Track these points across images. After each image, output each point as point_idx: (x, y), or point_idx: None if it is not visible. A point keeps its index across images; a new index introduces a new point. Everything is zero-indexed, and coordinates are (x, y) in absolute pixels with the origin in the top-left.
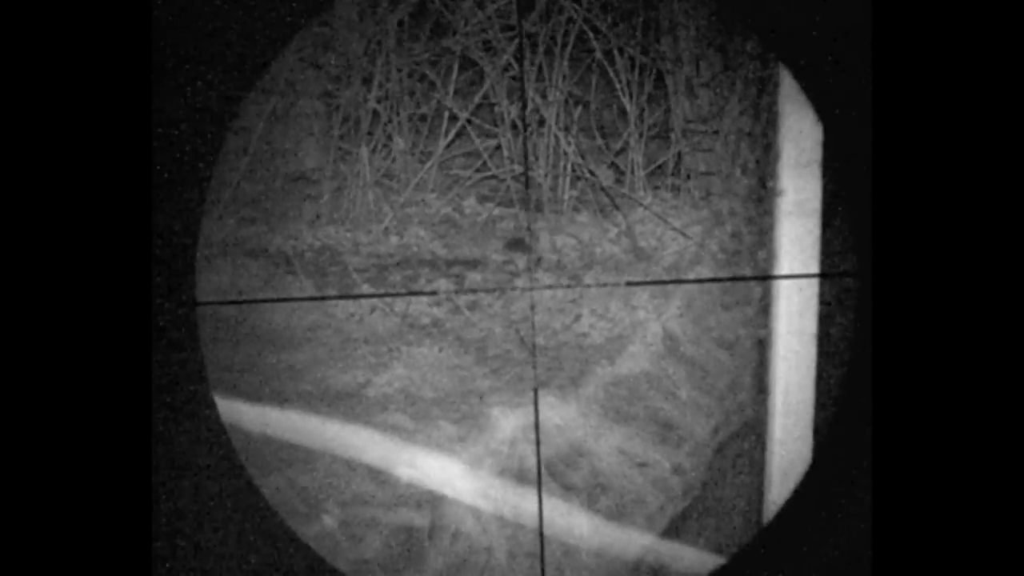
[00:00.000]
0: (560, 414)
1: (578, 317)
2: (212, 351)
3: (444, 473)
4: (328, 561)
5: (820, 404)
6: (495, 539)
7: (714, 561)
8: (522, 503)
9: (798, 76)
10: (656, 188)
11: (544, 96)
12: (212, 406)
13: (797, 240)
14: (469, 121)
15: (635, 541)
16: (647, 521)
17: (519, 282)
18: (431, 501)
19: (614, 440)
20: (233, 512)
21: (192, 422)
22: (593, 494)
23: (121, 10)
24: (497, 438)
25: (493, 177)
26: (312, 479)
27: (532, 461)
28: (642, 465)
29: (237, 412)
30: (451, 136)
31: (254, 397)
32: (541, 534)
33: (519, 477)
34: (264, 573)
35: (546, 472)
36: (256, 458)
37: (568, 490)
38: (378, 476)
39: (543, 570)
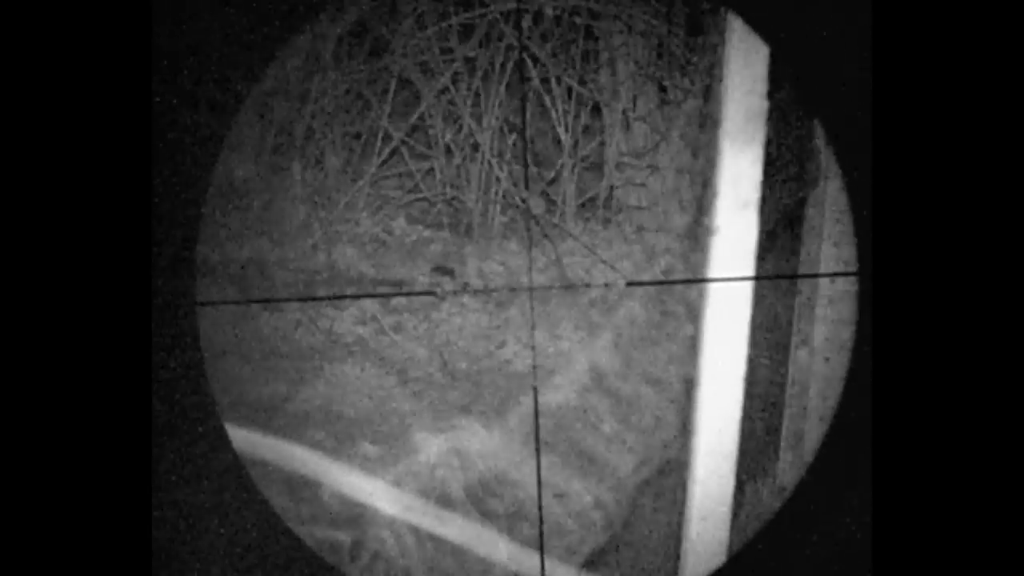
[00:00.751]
0: (482, 440)
1: (503, 344)
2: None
3: (365, 492)
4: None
5: (744, 447)
6: (414, 561)
7: None
8: (442, 527)
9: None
10: (587, 220)
11: (479, 122)
12: (212, 406)
13: (730, 279)
14: (403, 142)
15: (554, 572)
16: (566, 552)
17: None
18: (353, 519)
19: (536, 470)
20: (233, 511)
21: (192, 423)
22: (513, 522)
23: (119, 13)
24: (419, 461)
25: (424, 199)
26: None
27: (453, 486)
28: (562, 496)
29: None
30: (384, 156)
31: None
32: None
33: (440, 501)
34: (264, 571)
35: (466, 498)
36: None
37: (488, 516)
38: (298, 491)
39: None
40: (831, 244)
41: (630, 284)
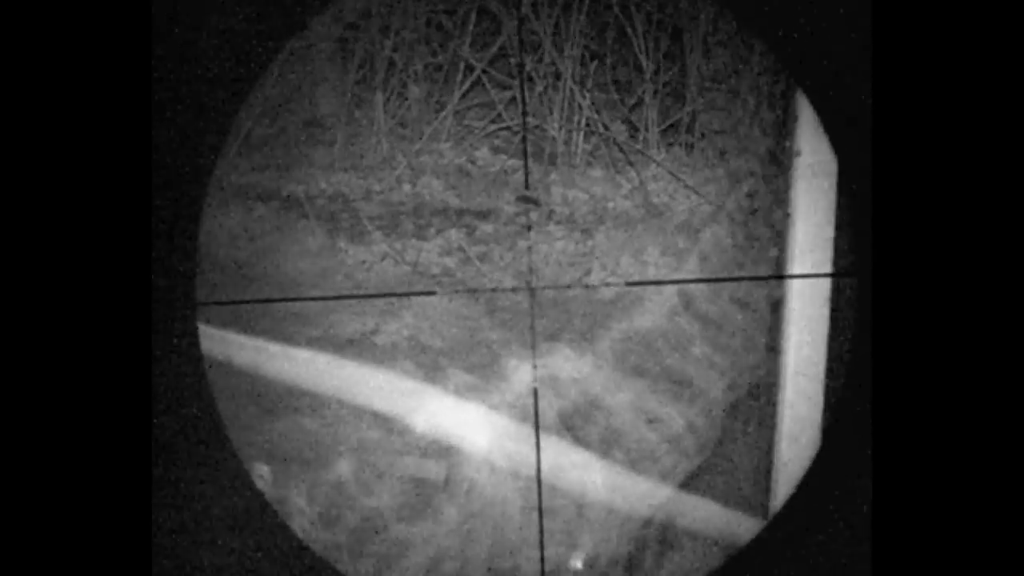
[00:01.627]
0: (574, 367)
1: (588, 271)
2: (218, 289)
3: (458, 423)
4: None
5: (831, 367)
6: (509, 492)
7: (723, 517)
8: (535, 456)
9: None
10: (670, 145)
11: (560, 50)
12: (212, 406)
13: (813, 202)
14: (485, 72)
15: (647, 497)
16: (659, 477)
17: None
18: (445, 451)
19: (628, 395)
20: (233, 510)
21: (192, 422)
22: (606, 448)
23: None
24: (512, 389)
25: (507, 128)
26: (319, 424)
27: (548, 413)
28: (655, 421)
29: (229, 348)
30: (466, 87)
31: (256, 336)
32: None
33: (534, 428)
34: (266, 570)
35: (560, 425)
36: (261, 401)
37: (582, 443)
38: (388, 424)
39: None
40: None
41: (629, 284)
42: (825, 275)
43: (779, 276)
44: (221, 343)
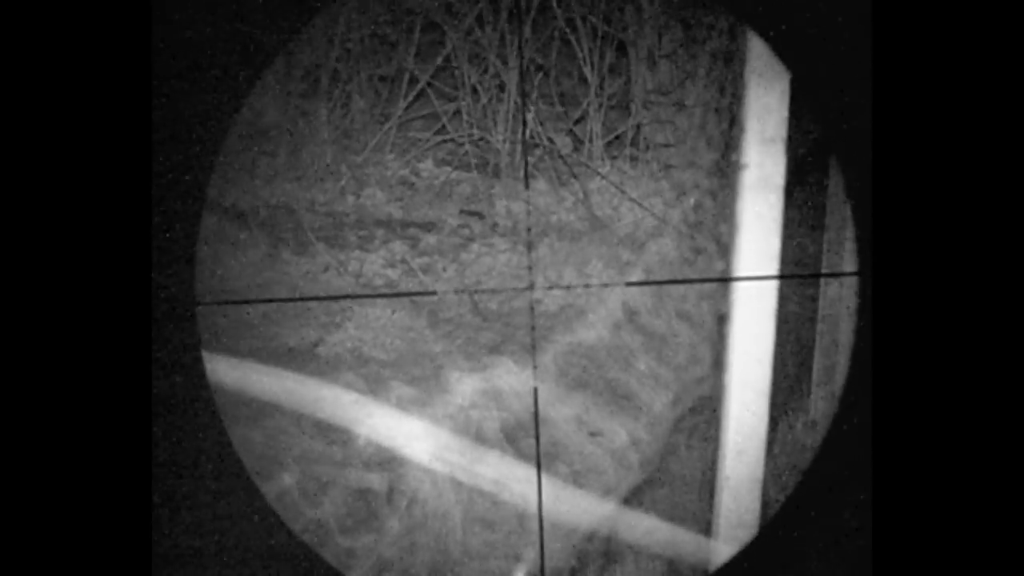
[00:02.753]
0: (517, 380)
1: (531, 284)
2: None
3: (401, 435)
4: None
5: (776, 382)
6: (451, 504)
7: (666, 532)
8: (479, 468)
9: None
10: (614, 158)
11: (505, 62)
12: (212, 406)
13: (759, 215)
14: (429, 84)
15: (591, 510)
16: (603, 491)
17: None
18: (388, 463)
19: (572, 409)
20: (230, 510)
21: (192, 422)
22: (550, 462)
23: (119, 10)
24: (453, 402)
25: (451, 141)
26: (262, 435)
27: (489, 426)
28: (598, 435)
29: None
30: (411, 98)
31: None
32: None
33: (477, 441)
34: (265, 569)
35: (503, 438)
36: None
37: (524, 457)
38: (331, 435)
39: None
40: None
41: (629, 284)
42: (817, 275)
43: (779, 276)
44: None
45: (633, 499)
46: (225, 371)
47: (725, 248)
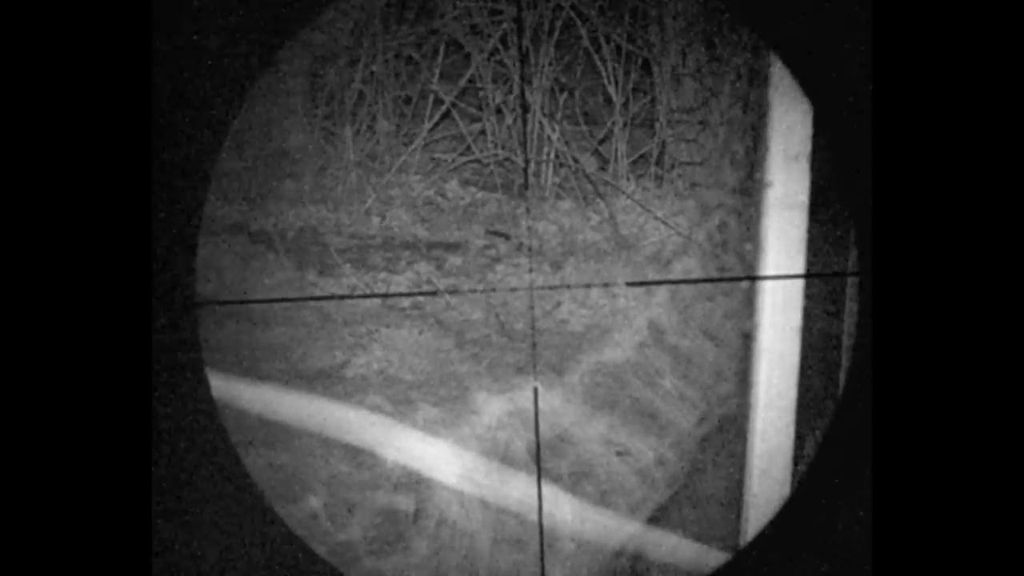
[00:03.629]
0: (544, 401)
1: (558, 304)
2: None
3: (428, 456)
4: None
5: (802, 400)
6: (479, 525)
7: (692, 550)
8: (506, 488)
9: (792, 66)
10: (640, 177)
11: (530, 82)
12: (213, 406)
13: (783, 233)
14: (454, 105)
15: (618, 529)
16: (630, 510)
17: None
18: (415, 484)
19: (598, 428)
20: (232, 512)
21: (192, 422)
22: (577, 481)
23: (120, 7)
24: (480, 423)
25: (476, 161)
26: (290, 458)
27: (517, 446)
28: (625, 454)
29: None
30: (435, 119)
31: (225, 370)
32: (542, 525)
33: (504, 462)
34: (265, 571)
35: (531, 458)
36: (230, 435)
37: (551, 477)
38: (358, 458)
39: (543, 558)
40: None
41: (630, 284)
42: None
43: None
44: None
45: (660, 518)
46: (249, 395)
47: (750, 266)
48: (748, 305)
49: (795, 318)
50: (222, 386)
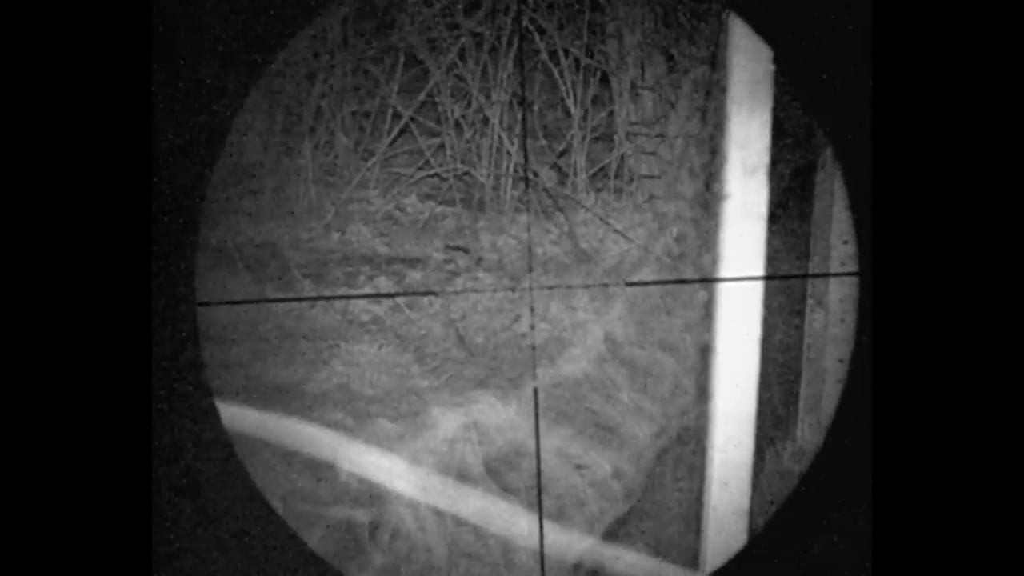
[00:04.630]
0: (500, 415)
1: (517, 318)
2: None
3: (385, 470)
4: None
5: (761, 412)
6: (434, 538)
7: (651, 564)
8: (462, 503)
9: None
10: (599, 190)
11: (488, 96)
12: (212, 407)
13: (742, 244)
14: (413, 119)
15: (575, 543)
16: (587, 524)
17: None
18: (372, 498)
19: (554, 442)
20: (233, 514)
21: (192, 423)
22: (533, 495)
23: (120, 9)
24: (437, 437)
25: (436, 175)
26: (252, 472)
27: (472, 460)
28: (582, 467)
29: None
30: (394, 134)
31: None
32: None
33: (460, 476)
34: (264, 571)
35: (486, 472)
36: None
37: (508, 491)
38: (318, 471)
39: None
40: (843, 208)
41: (630, 284)
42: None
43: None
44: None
45: (618, 531)
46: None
47: (708, 278)
48: (706, 317)
49: (754, 329)
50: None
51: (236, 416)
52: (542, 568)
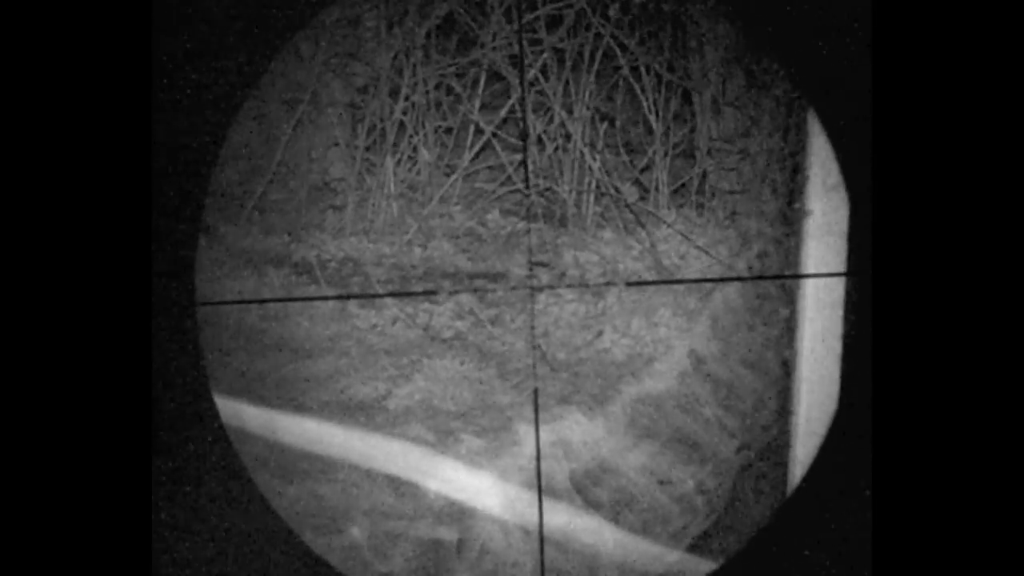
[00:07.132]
0: (585, 430)
1: (600, 333)
2: (228, 356)
3: (471, 487)
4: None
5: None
6: (522, 554)
7: None
8: (549, 518)
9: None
10: (680, 206)
11: (570, 112)
12: (212, 407)
13: (824, 261)
14: (494, 135)
15: (659, 558)
16: (671, 539)
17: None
18: (458, 515)
19: (639, 457)
20: (233, 514)
21: (192, 424)
22: (618, 510)
23: (121, 9)
24: (523, 453)
25: (517, 191)
26: (332, 490)
27: (559, 476)
28: (666, 483)
29: (242, 416)
30: (476, 149)
31: (267, 403)
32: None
33: (546, 492)
34: (264, 571)
35: (572, 488)
36: (273, 467)
37: (593, 506)
38: (401, 488)
39: None
40: None
41: (629, 284)
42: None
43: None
44: (234, 411)
45: (701, 546)
46: (290, 426)
47: (790, 294)
48: (788, 333)
49: (835, 344)
50: (245, 415)
51: (314, 432)
52: None
